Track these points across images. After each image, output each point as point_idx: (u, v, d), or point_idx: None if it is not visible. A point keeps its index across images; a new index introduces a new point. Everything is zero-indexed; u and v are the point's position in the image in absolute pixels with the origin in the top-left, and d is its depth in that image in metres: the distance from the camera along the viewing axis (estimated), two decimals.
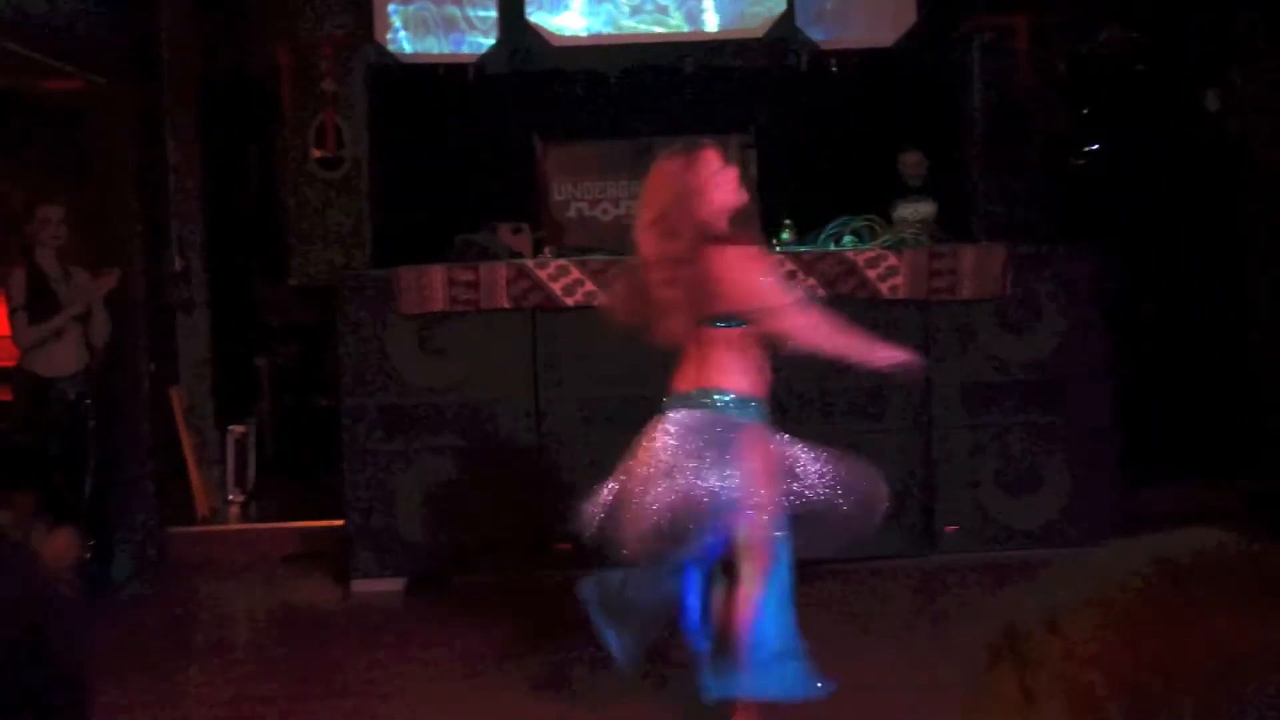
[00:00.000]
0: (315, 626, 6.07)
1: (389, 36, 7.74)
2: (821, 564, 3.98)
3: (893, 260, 6.45)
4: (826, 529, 4.02)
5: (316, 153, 7.20)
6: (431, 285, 6.42)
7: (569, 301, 6.35)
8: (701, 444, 3.89)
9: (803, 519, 3.99)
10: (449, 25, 7.81)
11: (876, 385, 6.50)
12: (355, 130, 7.23)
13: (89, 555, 6.04)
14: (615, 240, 7.00)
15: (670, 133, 7.80)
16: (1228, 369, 7.50)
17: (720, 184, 3.98)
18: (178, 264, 7.86)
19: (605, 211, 8.29)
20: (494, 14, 7.86)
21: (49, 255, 6.30)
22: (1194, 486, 6.85)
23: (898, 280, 6.43)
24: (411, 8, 7.80)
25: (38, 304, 6.23)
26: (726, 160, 4.07)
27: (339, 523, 6.67)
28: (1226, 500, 6.71)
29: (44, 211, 6.28)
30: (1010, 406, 6.58)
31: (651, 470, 3.89)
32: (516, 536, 6.28)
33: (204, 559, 7.03)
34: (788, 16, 7.89)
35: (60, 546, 3.40)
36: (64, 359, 6.32)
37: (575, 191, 8.23)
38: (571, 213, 8.29)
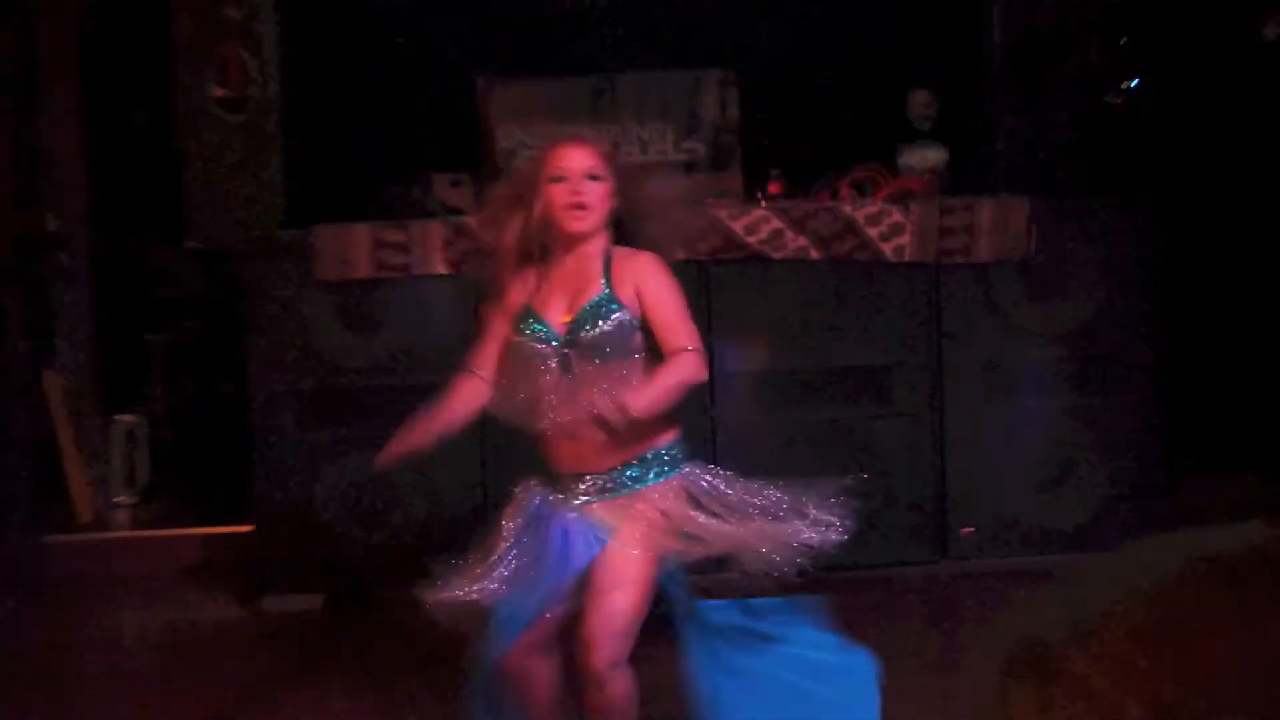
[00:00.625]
0: (220, 651, 6.05)
1: None
2: (818, 573, 3.94)
3: (898, 216, 6.45)
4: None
5: (219, 91, 7.13)
6: (354, 247, 6.39)
7: None
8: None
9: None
10: None
11: (884, 364, 6.52)
12: (264, 65, 7.16)
13: None
14: None
15: (636, 68, 7.87)
16: None
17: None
18: (52, 224, 7.78)
19: None
20: None
21: None
22: (1248, 478, 6.87)
23: (903, 239, 6.43)
24: None
25: None
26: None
27: (248, 529, 6.64)
28: None
29: None
30: (1036, 387, 6.59)
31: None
32: (457, 543, 6.25)
33: (88, 572, 6.99)
34: None
35: None
36: None
37: (525, 137, 8.16)
38: (520, 162, 8.23)
